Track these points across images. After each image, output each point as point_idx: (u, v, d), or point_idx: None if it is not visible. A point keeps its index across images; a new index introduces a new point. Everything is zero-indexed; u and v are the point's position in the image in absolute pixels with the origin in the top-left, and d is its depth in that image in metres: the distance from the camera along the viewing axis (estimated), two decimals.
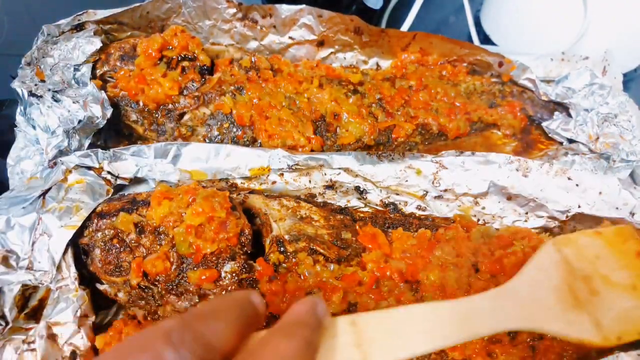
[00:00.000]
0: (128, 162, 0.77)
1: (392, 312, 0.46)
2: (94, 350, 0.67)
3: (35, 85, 0.80)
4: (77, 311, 0.67)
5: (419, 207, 0.82)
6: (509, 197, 0.81)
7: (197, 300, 0.67)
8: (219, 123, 0.88)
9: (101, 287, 0.71)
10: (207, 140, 0.88)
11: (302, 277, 0.67)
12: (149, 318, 0.70)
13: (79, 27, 0.89)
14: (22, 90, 0.79)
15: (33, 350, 0.64)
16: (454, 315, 0.47)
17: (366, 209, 0.83)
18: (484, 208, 0.82)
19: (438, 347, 0.45)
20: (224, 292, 0.67)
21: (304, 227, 0.73)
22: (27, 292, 0.69)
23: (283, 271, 0.68)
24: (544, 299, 0.52)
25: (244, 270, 0.67)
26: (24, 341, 0.65)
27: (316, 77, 0.94)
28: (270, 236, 0.73)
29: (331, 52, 1.02)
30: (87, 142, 0.81)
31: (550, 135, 0.98)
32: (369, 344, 0.42)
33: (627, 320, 0.53)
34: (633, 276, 0.56)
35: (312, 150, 0.87)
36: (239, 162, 0.79)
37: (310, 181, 0.81)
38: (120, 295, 0.70)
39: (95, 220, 0.70)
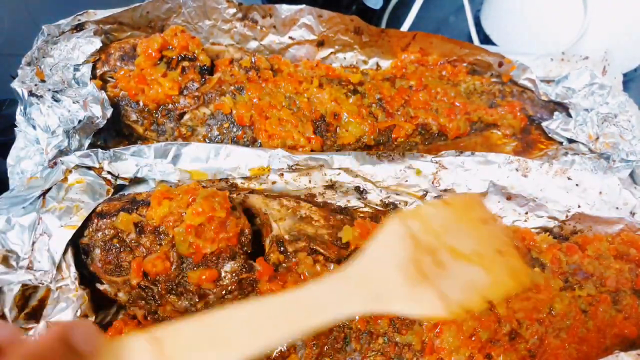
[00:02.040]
0: (128, 162, 0.77)
1: (206, 318, 0.41)
2: None
3: (35, 85, 0.80)
4: (77, 311, 0.67)
5: None
6: (509, 197, 0.81)
7: (197, 300, 0.67)
8: (219, 123, 0.88)
9: (101, 287, 0.71)
10: (207, 140, 0.88)
11: (302, 277, 0.67)
12: (148, 318, 0.70)
13: (79, 27, 0.89)
14: (22, 90, 0.79)
15: None
16: (289, 309, 0.44)
17: (366, 209, 0.83)
18: None
19: (272, 346, 0.41)
20: (224, 292, 0.67)
21: (304, 227, 0.73)
22: (27, 292, 0.69)
23: (283, 271, 0.68)
24: (390, 278, 0.50)
25: (244, 270, 0.67)
26: None
27: (316, 77, 0.94)
28: (270, 236, 0.73)
29: (331, 52, 1.02)
30: (87, 142, 0.81)
31: (550, 135, 0.98)
32: None
33: (472, 288, 0.51)
34: (477, 243, 0.55)
35: (312, 150, 0.87)
36: (239, 162, 0.79)
37: (310, 181, 0.81)
38: (120, 295, 0.70)
39: (95, 220, 0.70)
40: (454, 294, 0.49)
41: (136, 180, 0.79)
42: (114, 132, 0.90)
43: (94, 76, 0.86)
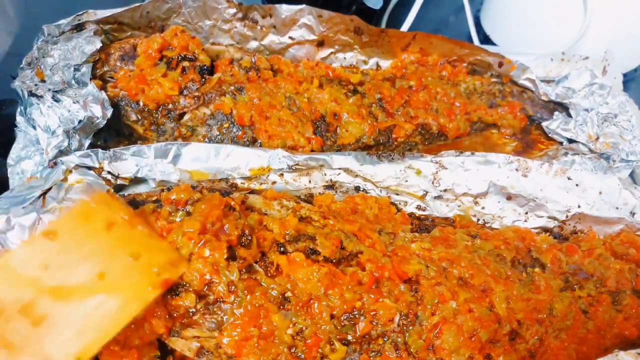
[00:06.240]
0: (128, 162, 0.77)
1: None
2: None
3: (36, 85, 0.80)
4: None
5: (418, 207, 0.82)
6: (509, 197, 0.81)
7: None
8: (219, 123, 0.88)
9: None
10: (207, 140, 0.88)
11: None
12: None
13: (79, 27, 0.89)
14: (22, 90, 0.79)
15: None
16: None
17: None
18: (483, 208, 0.82)
19: None
20: None
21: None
22: None
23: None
24: None
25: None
26: None
27: (316, 77, 0.94)
28: None
29: (331, 52, 1.02)
30: (87, 142, 0.81)
31: (550, 135, 0.98)
32: None
33: (88, 329, 0.42)
34: (102, 260, 0.45)
35: (312, 151, 0.87)
36: (239, 162, 0.79)
37: (310, 181, 0.81)
38: None
39: None
40: (59, 348, 0.41)
41: (136, 180, 0.79)
42: (114, 132, 0.90)
43: (94, 76, 0.86)
